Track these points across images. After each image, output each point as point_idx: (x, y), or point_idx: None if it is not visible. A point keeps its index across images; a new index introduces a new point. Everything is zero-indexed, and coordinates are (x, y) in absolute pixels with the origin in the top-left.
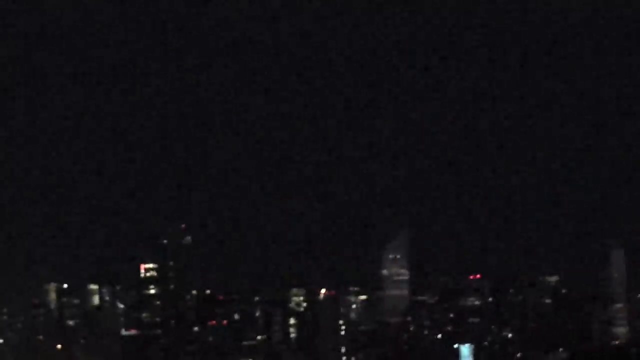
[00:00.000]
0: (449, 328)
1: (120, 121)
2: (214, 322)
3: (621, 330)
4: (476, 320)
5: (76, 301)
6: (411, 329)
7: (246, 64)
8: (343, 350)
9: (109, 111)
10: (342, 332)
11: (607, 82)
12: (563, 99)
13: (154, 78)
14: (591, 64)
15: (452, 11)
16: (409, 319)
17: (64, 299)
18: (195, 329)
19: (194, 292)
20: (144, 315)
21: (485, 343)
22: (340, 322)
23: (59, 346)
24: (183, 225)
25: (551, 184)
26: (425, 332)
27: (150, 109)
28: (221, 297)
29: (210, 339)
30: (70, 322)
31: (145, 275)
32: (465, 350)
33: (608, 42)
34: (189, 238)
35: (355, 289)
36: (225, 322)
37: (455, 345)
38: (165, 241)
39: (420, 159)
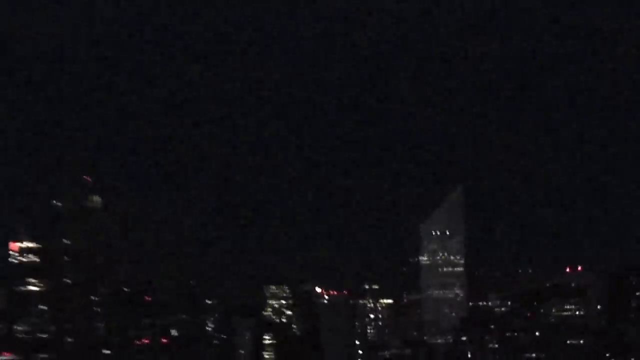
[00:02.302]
0: (533, 355)
1: None
2: (145, 340)
3: None
4: (579, 341)
5: None
6: (469, 355)
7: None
8: None
9: None
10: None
11: None
12: None
13: None
14: None
15: None
16: (463, 338)
17: None
18: (107, 352)
19: (103, 289)
20: (20, 328)
21: None
22: (357, 342)
23: None
24: (88, 178)
25: None
26: None
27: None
28: (149, 299)
29: None
30: None
31: (20, 261)
32: None
33: None
34: (97, 199)
35: (375, 287)
36: (165, 340)
37: None
38: (58, 204)
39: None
